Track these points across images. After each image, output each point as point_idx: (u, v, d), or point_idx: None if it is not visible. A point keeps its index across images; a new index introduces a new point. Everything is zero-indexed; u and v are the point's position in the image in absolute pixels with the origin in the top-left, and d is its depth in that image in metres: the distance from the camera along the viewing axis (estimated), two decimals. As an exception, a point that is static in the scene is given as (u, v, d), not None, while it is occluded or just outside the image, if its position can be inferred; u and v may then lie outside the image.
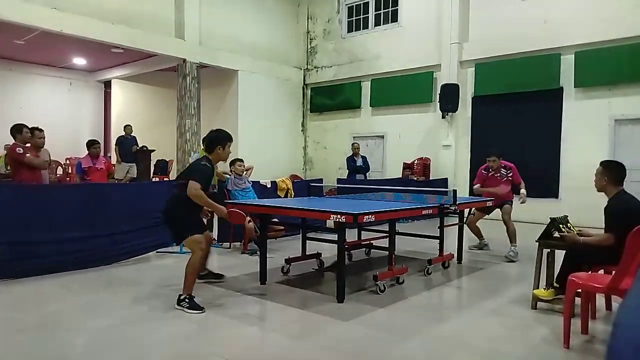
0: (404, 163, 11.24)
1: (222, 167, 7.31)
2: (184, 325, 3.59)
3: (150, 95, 14.63)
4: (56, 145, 10.67)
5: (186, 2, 10.83)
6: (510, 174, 6.43)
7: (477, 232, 6.68)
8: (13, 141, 6.11)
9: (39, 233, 4.91)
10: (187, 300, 3.85)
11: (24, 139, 6.16)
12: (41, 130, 6.36)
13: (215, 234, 7.05)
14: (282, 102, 13.42)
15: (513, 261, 5.99)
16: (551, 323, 3.63)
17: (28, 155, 5.98)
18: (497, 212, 6.47)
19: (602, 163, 3.82)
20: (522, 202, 6.35)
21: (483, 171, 6.58)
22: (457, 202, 5.16)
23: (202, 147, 7.20)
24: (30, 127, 6.34)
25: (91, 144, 7.17)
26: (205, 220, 4.49)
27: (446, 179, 10.90)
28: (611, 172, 3.71)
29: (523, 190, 6.37)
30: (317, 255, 5.47)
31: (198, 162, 4.16)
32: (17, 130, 6.15)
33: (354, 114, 13.14)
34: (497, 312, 3.98)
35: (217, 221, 7.06)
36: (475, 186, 6.63)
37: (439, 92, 10.94)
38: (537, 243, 4.06)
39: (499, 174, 6.43)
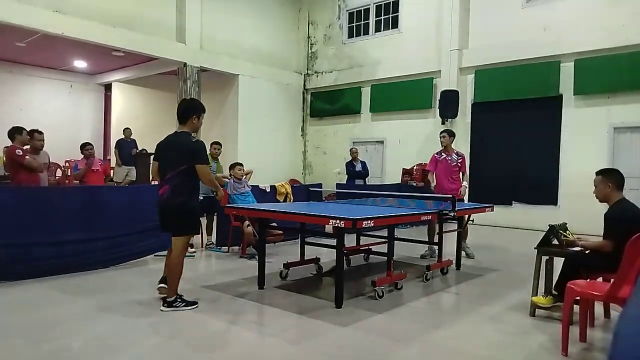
0: (404, 169, 11.24)
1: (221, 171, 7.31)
2: (182, 329, 3.57)
3: (150, 98, 14.64)
4: (56, 147, 10.65)
5: (187, 6, 10.87)
6: (460, 160, 6.55)
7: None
8: (11, 143, 6.10)
9: (36, 236, 4.89)
10: (177, 300, 3.92)
11: (23, 140, 6.15)
12: (41, 133, 6.36)
13: (214, 237, 7.05)
14: (282, 107, 13.44)
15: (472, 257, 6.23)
16: (549, 330, 3.62)
17: (28, 157, 5.97)
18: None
19: (599, 172, 3.81)
20: (461, 195, 6.39)
21: (435, 154, 6.71)
22: (456, 209, 5.16)
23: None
24: (29, 129, 6.33)
25: (83, 146, 7.24)
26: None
27: (445, 185, 10.89)
28: (613, 178, 3.70)
29: (465, 183, 6.48)
30: (316, 260, 5.46)
31: (188, 140, 3.95)
32: (16, 131, 6.14)
33: (353, 120, 13.16)
34: (496, 319, 3.97)
35: (216, 225, 7.06)
36: (430, 178, 6.69)
37: (438, 98, 10.97)
38: (536, 250, 4.06)
39: (449, 158, 6.50)
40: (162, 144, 4.14)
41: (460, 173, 6.62)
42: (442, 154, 6.63)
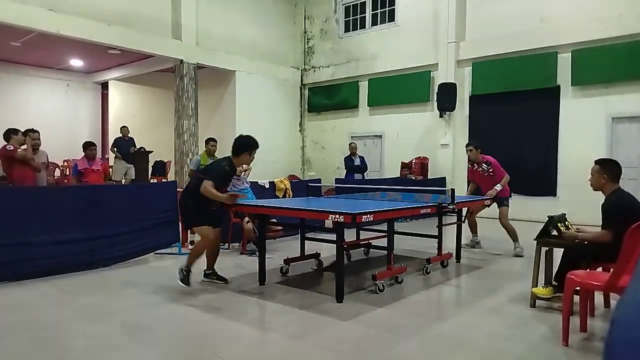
0: (402, 162, 11.25)
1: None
2: (183, 326, 3.58)
3: (147, 96, 14.60)
4: (53, 147, 10.62)
5: (183, 3, 10.81)
6: (491, 170, 6.43)
7: (474, 227, 6.72)
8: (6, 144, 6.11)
9: (36, 235, 4.89)
10: (184, 271, 4.31)
11: (19, 141, 6.15)
12: (36, 132, 6.34)
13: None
14: (279, 103, 13.41)
15: (521, 255, 6.09)
16: (550, 321, 3.64)
17: (19, 150, 5.97)
18: (494, 211, 6.47)
19: (598, 162, 3.83)
20: (488, 196, 6.25)
21: (469, 165, 6.67)
22: (456, 201, 5.16)
23: (204, 149, 7.23)
24: (24, 129, 6.32)
25: (87, 145, 7.14)
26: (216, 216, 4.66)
27: (444, 178, 10.91)
28: (610, 170, 3.72)
29: (497, 186, 6.27)
30: (316, 256, 5.47)
31: (219, 162, 4.58)
32: (12, 132, 6.14)
33: (351, 114, 13.14)
34: (496, 310, 3.98)
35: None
36: (470, 187, 6.73)
37: (436, 91, 10.95)
38: (536, 241, 4.06)
39: (481, 169, 6.48)
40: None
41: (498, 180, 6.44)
42: (475, 164, 6.55)
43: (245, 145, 4.49)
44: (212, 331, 3.51)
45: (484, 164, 6.46)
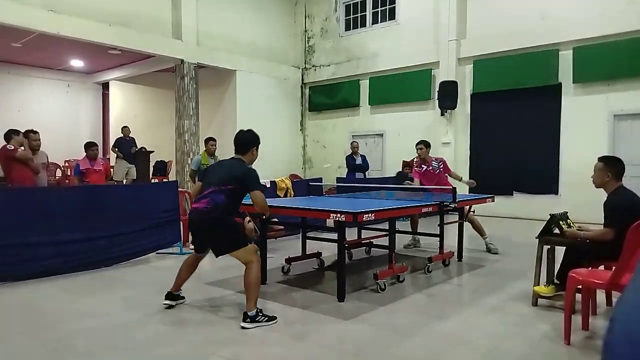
0: (404, 161, 11.22)
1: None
2: (184, 326, 3.58)
3: (148, 96, 14.61)
4: (54, 147, 10.66)
5: (183, 2, 10.80)
6: (442, 166, 6.54)
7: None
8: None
9: (38, 235, 4.89)
10: (260, 313, 3.58)
11: (20, 141, 6.16)
12: (36, 133, 6.36)
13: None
14: (280, 102, 13.41)
15: (497, 253, 6.13)
16: (552, 319, 3.63)
17: (19, 150, 5.98)
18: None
19: (602, 159, 3.81)
20: (472, 185, 6.53)
21: (416, 168, 6.68)
22: (457, 200, 5.15)
23: (203, 148, 7.22)
24: (24, 130, 6.33)
25: (89, 146, 7.15)
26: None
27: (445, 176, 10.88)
28: (614, 168, 3.69)
29: (465, 178, 6.55)
30: (318, 255, 5.47)
31: (243, 166, 3.80)
32: (13, 132, 6.15)
33: (352, 113, 13.13)
34: (498, 309, 3.97)
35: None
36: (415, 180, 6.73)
37: (437, 89, 10.93)
38: (537, 240, 4.05)
39: (431, 167, 6.51)
40: (213, 165, 4.19)
41: (449, 173, 6.66)
42: (422, 165, 6.56)
43: (255, 140, 3.93)
44: (213, 330, 3.51)
45: (433, 162, 6.51)
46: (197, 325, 3.61)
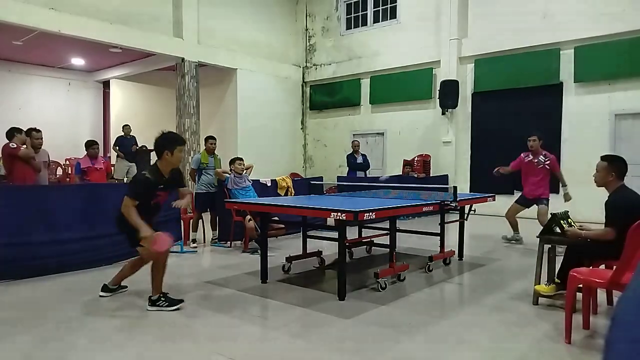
0: (404, 160, 11.22)
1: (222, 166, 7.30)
2: (185, 324, 3.59)
3: (149, 94, 14.61)
4: (55, 145, 10.67)
5: (184, 1, 10.80)
6: (548, 162, 6.52)
7: (515, 225, 6.82)
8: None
9: (39, 234, 4.90)
10: (162, 298, 3.87)
11: (22, 140, 6.16)
12: (38, 131, 6.36)
13: (216, 233, 7.07)
14: (281, 100, 13.40)
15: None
16: (552, 318, 3.63)
17: (22, 148, 5.98)
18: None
19: (605, 158, 3.78)
20: (567, 200, 6.39)
21: (523, 155, 6.68)
22: (458, 199, 5.15)
23: (204, 147, 7.23)
24: (26, 128, 6.34)
25: (90, 144, 7.15)
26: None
27: (446, 175, 10.89)
28: (617, 167, 3.68)
29: (568, 189, 6.50)
30: (318, 253, 5.46)
31: (139, 172, 4.07)
32: (15, 130, 6.15)
33: (353, 112, 13.12)
34: (499, 308, 3.97)
35: (218, 220, 7.07)
36: (505, 170, 6.73)
37: (438, 88, 10.92)
38: (538, 239, 4.05)
39: (537, 160, 6.48)
40: None
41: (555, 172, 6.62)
42: (530, 155, 6.63)
43: (165, 143, 3.88)
44: (214, 329, 3.51)
45: (541, 155, 6.53)
46: (197, 323, 3.61)
